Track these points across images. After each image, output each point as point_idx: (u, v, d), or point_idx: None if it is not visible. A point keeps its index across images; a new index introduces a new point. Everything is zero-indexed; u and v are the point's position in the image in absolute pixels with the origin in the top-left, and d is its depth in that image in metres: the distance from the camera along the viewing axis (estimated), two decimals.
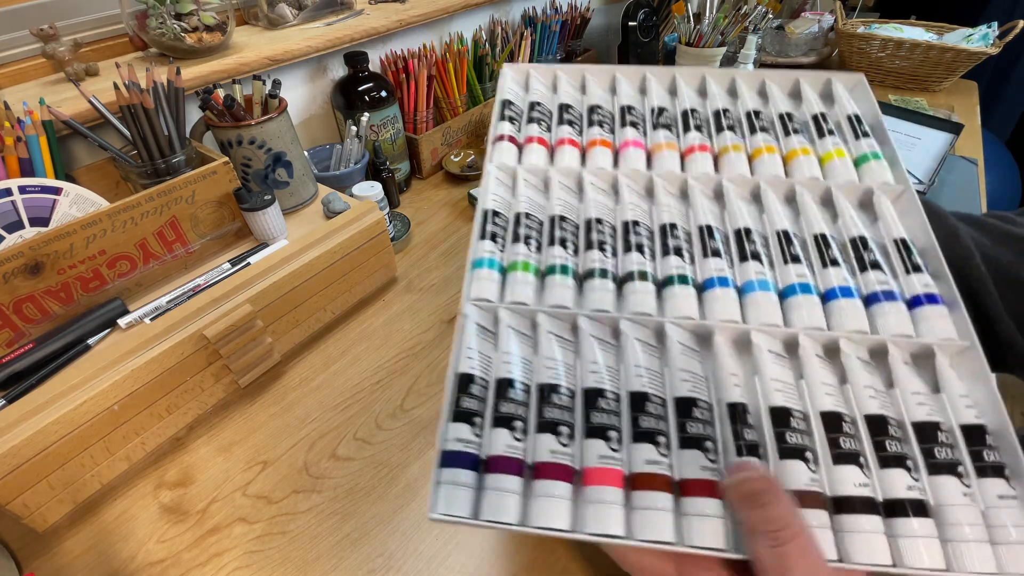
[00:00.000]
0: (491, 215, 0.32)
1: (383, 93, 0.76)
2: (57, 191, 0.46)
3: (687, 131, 0.37)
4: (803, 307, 0.29)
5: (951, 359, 0.28)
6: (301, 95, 0.79)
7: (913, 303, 0.29)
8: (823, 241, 0.31)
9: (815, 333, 0.28)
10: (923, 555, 0.22)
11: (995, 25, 1.05)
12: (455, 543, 0.41)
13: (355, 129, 0.73)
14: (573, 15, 1.09)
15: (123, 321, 0.49)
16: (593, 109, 0.39)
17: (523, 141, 0.37)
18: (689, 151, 0.36)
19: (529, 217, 0.33)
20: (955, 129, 0.84)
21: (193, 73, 0.62)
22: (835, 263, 0.30)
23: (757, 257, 0.31)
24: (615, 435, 0.25)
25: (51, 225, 0.46)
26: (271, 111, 0.60)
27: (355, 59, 0.75)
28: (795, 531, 0.20)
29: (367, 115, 0.74)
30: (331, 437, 0.49)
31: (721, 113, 0.38)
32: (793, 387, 0.27)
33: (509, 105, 0.39)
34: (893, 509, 0.24)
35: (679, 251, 0.31)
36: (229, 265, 0.56)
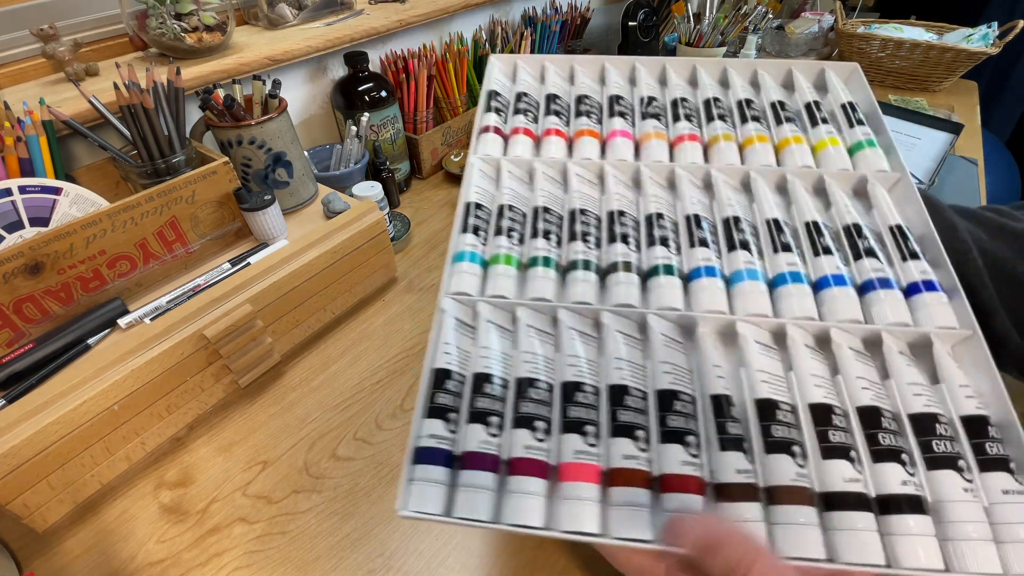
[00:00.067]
0: (473, 208, 0.32)
1: (383, 93, 0.77)
2: (57, 191, 0.47)
3: (676, 120, 0.36)
4: (793, 296, 0.28)
5: (951, 348, 0.26)
6: (301, 95, 0.80)
7: (910, 290, 0.28)
8: (815, 229, 0.30)
9: (805, 323, 0.27)
10: (919, 554, 0.21)
11: (995, 25, 1.04)
12: (455, 543, 0.41)
13: (355, 129, 0.74)
14: (573, 15, 1.08)
15: (123, 321, 0.49)
16: (581, 99, 0.38)
17: (509, 132, 0.37)
18: (678, 140, 0.35)
19: (512, 209, 0.32)
20: (955, 129, 0.83)
21: (193, 73, 0.63)
22: (827, 251, 0.29)
23: (746, 246, 0.30)
24: (592, 430, 0.24)
25: (51, 225, 0.47)
26: (271, 111, 0.60)
27: (355, 59, 0.75)
28: (752, 558, 0.19)
29: (367, 115, 0.74)
30: (331, 437, 0.49)
31: (712, 102, 0.37)
32: (781, 379, 0.26)
33: (495, 96, 0.38)
34: (887, 506, 0.22)
35: (665, 241, 0.30)
36: (229, 265, 0.56)
